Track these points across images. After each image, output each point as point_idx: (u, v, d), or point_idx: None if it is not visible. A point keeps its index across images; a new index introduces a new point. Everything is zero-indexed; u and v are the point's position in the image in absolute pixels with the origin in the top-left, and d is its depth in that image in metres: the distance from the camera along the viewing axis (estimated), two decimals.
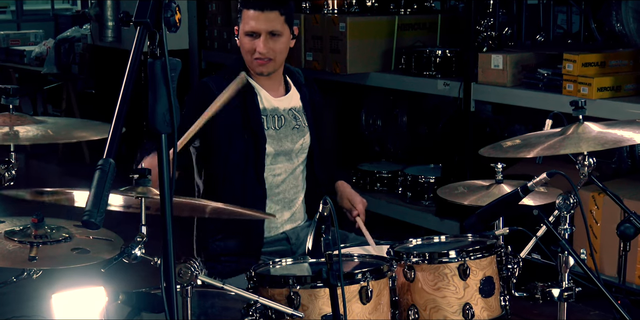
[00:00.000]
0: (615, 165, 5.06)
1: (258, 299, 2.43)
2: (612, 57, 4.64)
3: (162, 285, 1.85)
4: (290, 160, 3.26)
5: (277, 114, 3.24)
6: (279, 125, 3.23)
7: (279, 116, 3.24)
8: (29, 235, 2.52)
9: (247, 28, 3.15)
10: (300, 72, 3.40)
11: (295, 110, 3.29)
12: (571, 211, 2.65)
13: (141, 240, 2.27)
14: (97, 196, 1.65)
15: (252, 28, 3.14)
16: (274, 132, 3.22)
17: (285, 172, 3.25)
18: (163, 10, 1.79)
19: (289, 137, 3.24)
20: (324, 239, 2.38)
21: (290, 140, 3.25)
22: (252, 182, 3.19)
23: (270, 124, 3.22)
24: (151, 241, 2.27)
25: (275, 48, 3.16)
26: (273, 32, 3.15)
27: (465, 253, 2.69)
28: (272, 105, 3.24)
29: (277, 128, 3.22)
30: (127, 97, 1.75)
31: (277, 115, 3.24)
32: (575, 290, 2.67)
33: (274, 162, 3.22)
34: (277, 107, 3.24)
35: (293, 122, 3.27)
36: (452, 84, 5.24)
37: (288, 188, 3.26)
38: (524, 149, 2.71)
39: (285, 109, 3.27)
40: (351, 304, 2.52)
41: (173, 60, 1.82)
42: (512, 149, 2.74)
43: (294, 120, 3.27)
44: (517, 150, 2.73)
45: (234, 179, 3.19)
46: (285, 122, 3.25)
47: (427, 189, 5.65)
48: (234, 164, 3.18)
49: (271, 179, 3.23)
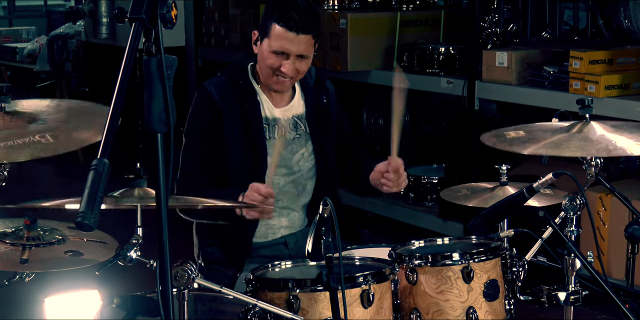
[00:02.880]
0: (623, 165, 5.06)
1: (257, 303, 2.43)
2: (620, 54, 4.64)
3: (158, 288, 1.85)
4: (290, 169, 3.22)
5: (277, 124, 3.19)
6: (279, 135, 3.19)
7: (279, 126, 3.20)
8: (21, 237, 2.52)
9: (277, 46, 3.08)
10: (312, 74, 3.31)
11: (297, 117, 3.24)
12: (578, 212, 2.65)
13: (137, 242, 2.27)
14: (91, 197, 1.65)
15: (282, 48, 3.08)
16: (274, 142, 3.17)
17: (284, 181, 3.22)
18: (159, 6, 1.78)
19: (288, 148, 3.21)
20: (324, 241, 2.38)
21: (289, 150, 3.21)
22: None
23: (272, 134, 3.18)
24: (147, 243, 2.27)
25: (300, 69, 3.13)
26: (303, 55, 3.11)
27: (469, 255, 2.69)
28: (273, 115, 3.19)
29: (277, 138, 3.18)
30: (121, 95, 1.75)
31: (277, 124, 3.19)
32: (582, 294, 2.67)
33: (275, 173, 3.19)
34: (278, 117, 3.20)
35: (293, 132, 3.22)
36: (455, 82, 5.24)
37: (287, 196, 3.22)
38: (528, 144, 2.68)
39: (287, 118, 3.22)
40: (352, 308, 2.52)
41: (169, 57, 1.82)
42: (516, 142, 2.72)
43: (294, 130, 3.22)
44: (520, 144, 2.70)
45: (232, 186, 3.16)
46: (286, 132, 3.21)
47: (430, 190, 5.66)
48: (232, 172, 3.15)
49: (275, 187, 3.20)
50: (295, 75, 3.15)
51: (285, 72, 3.09)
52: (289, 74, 3.10)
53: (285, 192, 3.22)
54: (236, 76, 3.19)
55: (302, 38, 3.09)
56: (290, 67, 3.09)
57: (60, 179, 7.86)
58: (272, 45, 3.09)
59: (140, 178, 2.39)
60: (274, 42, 3.09)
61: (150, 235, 2.16)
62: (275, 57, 3.10)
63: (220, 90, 3.16)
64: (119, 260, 2.27)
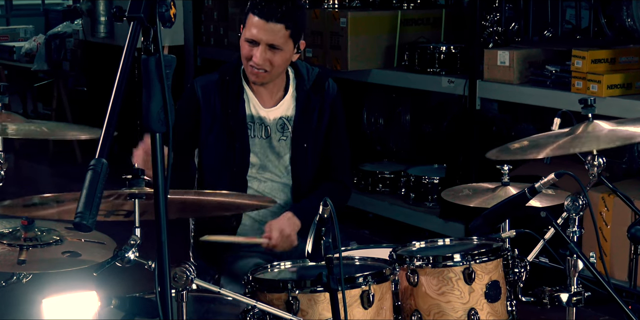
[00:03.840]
0: (626, 165, 5.05)
1: (256, 304, 2.43)
2: (623, 53, 4.64)
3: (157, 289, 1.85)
4: (277, 169, 3.22)
5: (264, 123, 3.19)
6: (265, 135, 3.19)
7: (265, 126, 3.19)
8: (19, 237, 2.52)
9: (248, 35, 3.09)
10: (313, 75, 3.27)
11: (285, 118, 3.21)
12: (580, 213, 2.65)
13: (135, 243, 2.27)
14: (89, 197, 1.65)
15: (252, 36, 3.08)
16: (258, 141, 3.18)
17: (271, 180, 3.22)
18: (157, 5, 1.79)
19: (274, 150, 3.20)
20: (324, 241, 2.38)
21: (274, 153, 3.20)
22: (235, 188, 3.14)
23: (256, 133, 3.18)
24: (145, 244, 2.27)
25: (273, 61, 3.10)
26: (273, 45, 3.08)
27: (471, 256, 2.69)
28: (259, 114, 3.19)
29: (263, 137, 3.19)
30: (120, 95, 1.75)
31: (264, 124, 3.19)
32: (584, 295, 2.67)
33: (261, 172, 3.19)
34: (264, 116, 3.19)
35: (279, 133, 3.20)
36: (456, 82, 5.24)
37: (276, 194, 3.23)
38: (533, 151, 2.70)
39: (274, 118, 3.20)
40: (352, 309, 2.52)
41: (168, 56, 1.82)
42: (520, 151, 2.74)
43: (280, 132, 3.20)
44: (525, 151, 2.72)
45: (216, 184, 3.17)
46: (272, 133, 3.20)
47: (430, 190, 5.66)
48: (214, 168, 3.16)
49: (257, 185, 3.20)
50: (269, 67, 3.11)
51: (256, 61, 3.08)
52: (259, 62, 3.08)
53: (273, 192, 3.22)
54: (227, 74, 3.21)
55: (272, 26, 3.07)
56: (260, 56, 3.07)
57: (57, 180, 7.85)
58: (245, 34, 3.11)
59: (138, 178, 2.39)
60: (247, 31, 3.11)
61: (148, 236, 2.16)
62: (248, 46, 3.11)
63: (205, 86, 3.18)
64: (117, 261, 2.27)
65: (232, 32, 6.90)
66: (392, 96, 6.30)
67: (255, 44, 3.08)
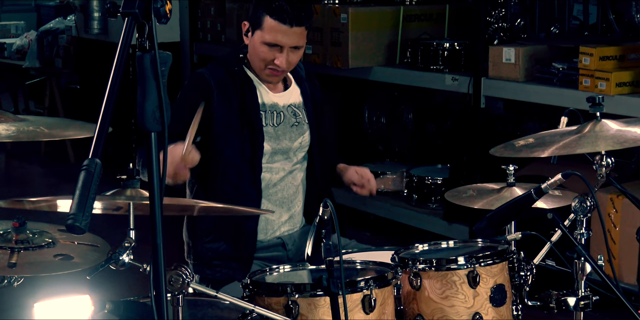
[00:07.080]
0: (635, 165, 5.06)
1: (254, 309, 2.43)
2: (632, 50, 4.64)
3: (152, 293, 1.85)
4: (288, 159, 3.29)
5: (276, 110, 3.28)
6: (277, 122, 3.26)
7: (278, 112, 3.27)
8: (10, 240, 2.52)
9: (270, 39, 3.15)
10: (302, 66, 3.42)
11: (295, 106, 3.32)
12: (588, 215, 2.65)
13: (129, 246, 2.28)
14: (83, 199, 1.65)
15: (276, 41, 3.14)
16: (272, 129, 3.24)
17: (283, 170, 3.28)
18: (152, 0, 1.79)
19: (287, 135, 3.26)
20: (325, 244, 2.38)
21: (288, 138, 3.27)
22: (247, 179, 3.21)
23: (269, 121, 3.25)
24: (140, 246, 2.28)
25: (294, 60, 3.21)
26: (296, 46, 3.18)
27: (475, 259, 2.69)
28: (271, 100, 3.27)
29: (275, 125, 3.25)
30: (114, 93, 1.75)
31: (276, 111, 3.27)
32: (592, 299, 2.67)
33: (271, 161, 3.24)
34: (276, 102, 3.28)
35: (292, 119, 3.30)
36: (461, 79, 5.24)
37: (286, 187, 3.28)
38: (538, 149, 2.70)
39: (285, 105, 3.30)
40: (353, 314, 2.52)
41: (163, 53, 1.82)
42: (525, 148, 2.74)
43: (293, 117, 3.30)
44: (531, 149, 2.72)
45: (228, 176, 3.21)
46: (285, 118, 3.28)
47: (434, 191, 5.66)
48: (228, 160, 3.20)
49: (268, 177, 3.25)
50: (290, 68, 3.23)
51: (279, 64, 3.17)
52: (283, 66, 3.18)
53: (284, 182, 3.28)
54: (231, 64, 3.25)
55: (295, 30, 3.15)
56: (284, 59, 3.17)
57: (50, 180, 7.86)
58: (265, 37, 3.16)
59: (133, 179, 2.39)
60: (267, 35, 3.15)
61: (143, 238, 2.16)
62: (268, 49, 3.17)
63: (216, 75, 3.22)
64: (111, 264, 2.27)
65: (229, 28, 6.90)
66: (394, 94, 6.31)
67: (278, 47, 3.16)
